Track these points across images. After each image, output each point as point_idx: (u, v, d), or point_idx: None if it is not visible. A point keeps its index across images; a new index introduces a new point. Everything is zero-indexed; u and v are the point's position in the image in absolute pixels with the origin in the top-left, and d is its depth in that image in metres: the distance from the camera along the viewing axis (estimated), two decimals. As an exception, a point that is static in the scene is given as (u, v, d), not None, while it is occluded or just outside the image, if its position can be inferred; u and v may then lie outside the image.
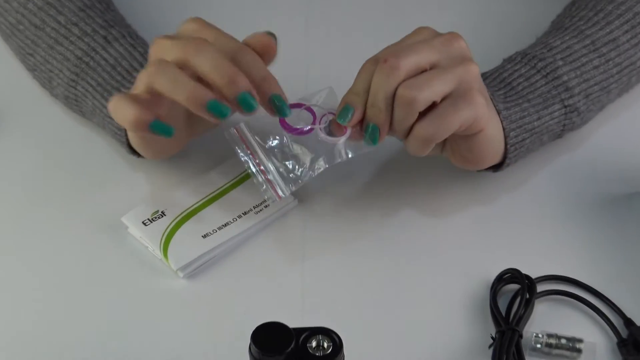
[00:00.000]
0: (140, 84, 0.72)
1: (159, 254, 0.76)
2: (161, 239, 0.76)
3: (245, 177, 0.80)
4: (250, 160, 0.75)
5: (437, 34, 0.74)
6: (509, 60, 0.82)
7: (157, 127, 0.70)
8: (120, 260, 0.77)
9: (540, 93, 0.78)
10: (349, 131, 0.73)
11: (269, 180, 0.74)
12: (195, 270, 0.76)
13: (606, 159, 0.83)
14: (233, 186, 0.80)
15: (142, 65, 0.79)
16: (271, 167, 0.75)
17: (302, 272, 0.76)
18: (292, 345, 0.60)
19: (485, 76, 0.80)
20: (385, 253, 0.78)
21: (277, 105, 0.71)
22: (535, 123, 0.78)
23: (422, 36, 0.73)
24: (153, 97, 0.71)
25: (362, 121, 0.72)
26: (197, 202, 0.79)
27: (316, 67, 0.89)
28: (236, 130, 0.76)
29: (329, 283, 0.76)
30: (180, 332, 0.73)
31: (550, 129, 0.79)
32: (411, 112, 0.71)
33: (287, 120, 0.74)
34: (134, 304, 0.75)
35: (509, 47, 0.83)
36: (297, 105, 0.74)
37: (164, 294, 0.75)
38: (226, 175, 0.80)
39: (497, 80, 0.80)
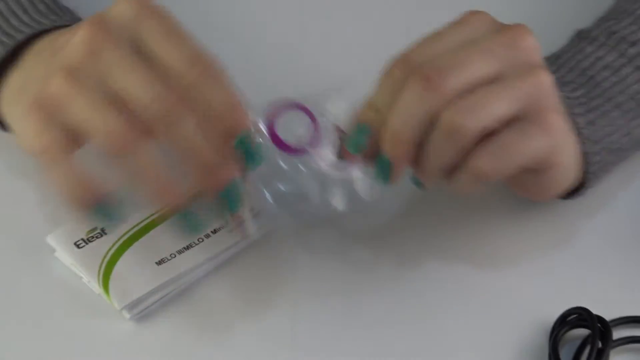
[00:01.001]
0: None
1: (96, 287, 0.69)
2: (100, 267, 0.69)
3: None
4: None
5: (495, 28, 0.62)
6: (588, 39, 0.70)
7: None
8: (43, 296, 0.70)
9: (633, 93, 0.68)
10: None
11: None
12: (146, 309, 0.69)
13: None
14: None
15: None
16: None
17: (294, 314, 0.69)
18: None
19: (557, 62, 0.69)
20: (410, 276, 0.70)
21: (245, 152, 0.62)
22: (622, 140, 0.68)
23: (475, 31, 0.62)
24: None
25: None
26: (150, 216, 0.71)
27: (316, 56, 0.81)
28: None
29: (328, 328, 0.69)
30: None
31: (639, 142, 0.70)
32: (455, 145, 0.61)
33: (279, 130, 0.66)
34: (63, 356, 0.68)
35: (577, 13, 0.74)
36: (298, 107, 0.67)
37: (104, 342, 0.68)
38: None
39: (575, 72, 0.69)
